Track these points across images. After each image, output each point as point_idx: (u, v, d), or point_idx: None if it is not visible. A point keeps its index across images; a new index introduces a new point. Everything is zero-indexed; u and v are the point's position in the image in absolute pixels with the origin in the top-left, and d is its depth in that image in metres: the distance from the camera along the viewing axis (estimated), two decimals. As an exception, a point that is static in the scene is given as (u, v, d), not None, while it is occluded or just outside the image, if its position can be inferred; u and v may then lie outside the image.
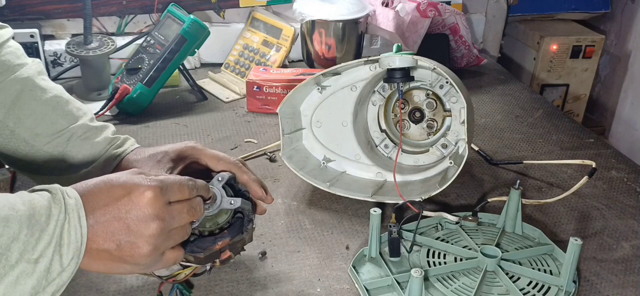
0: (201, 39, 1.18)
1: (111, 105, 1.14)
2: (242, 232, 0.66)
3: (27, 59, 0.74)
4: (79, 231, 0.49)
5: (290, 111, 0.92)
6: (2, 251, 0.44)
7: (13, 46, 0.73)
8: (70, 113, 0.74)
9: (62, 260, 0.48)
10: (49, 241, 0.47)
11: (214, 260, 0.65)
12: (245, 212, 0.66)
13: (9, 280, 0.44)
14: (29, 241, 0.46)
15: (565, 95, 1.73)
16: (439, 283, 0.71)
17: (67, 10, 1.32)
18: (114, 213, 0.52)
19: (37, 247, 0.46)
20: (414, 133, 0.96)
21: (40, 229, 0.47)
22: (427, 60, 0.86)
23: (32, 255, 0.46)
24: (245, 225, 0.66)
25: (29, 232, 0.46)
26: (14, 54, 0.72)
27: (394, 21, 1.30)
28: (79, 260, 0.49)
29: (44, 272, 0.47)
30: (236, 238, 0.65)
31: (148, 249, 0.53)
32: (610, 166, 1.03)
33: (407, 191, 0.87)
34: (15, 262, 0.45)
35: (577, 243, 0.67)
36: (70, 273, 0.49)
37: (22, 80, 0.71)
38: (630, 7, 1.74)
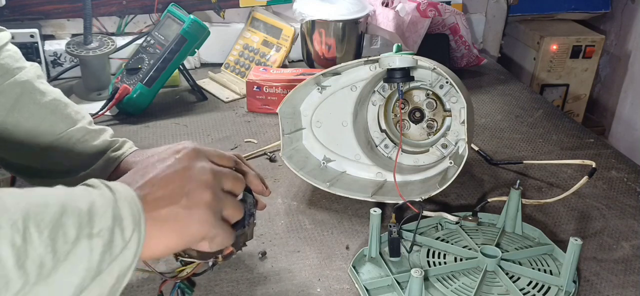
0: (201, 39, 1.18)
1: (111, 105, 1.14)
2: (244, 226, 0.66)
3: (25, 62, 0.74)
4: (134, 203, 0.48)
5: (290, 111, 0.92)
6: (57, 225, 0.41)
7: (11, 50, 0.73)
8: (69, 117, 0.74)
9: (124, 233, 0.45)
10: (104, 213, 0.45)
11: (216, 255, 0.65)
12: (247, 204, 0.67)
13: (72, 259, 0.42)
14: (82, 216, 0.43)
15: (565, 95, 1.73)
16: (439, 283, 0.71)
17: (67, 10, 1.32)
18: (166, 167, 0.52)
19: (93, 221, 0.44)
20: (414, 133, 0.96)
21: (91, 202, 0.45)
22: (427, 60, 0.86)
23: (90, 229, 0.43)
24: (247, 217, 0.67)
25: (77, 205, 0.44)
26: (12, 58, 0.72)
27: (394, 21, 1.30)
28: (141, 234, 0.47)
29: (106, 247, 0.44)
30: (238, 231, 0.65)
31: (210, 195, 0.53)
32: (610, 166, 1.03)
33: (407, 191, 0.87)
34: (75, 238, 0.42)
35: (577, 243, 0.67)
36: (134, 252, 0.46)
37: (21, 83, 0.71)
38: (630, 7, 1.74)
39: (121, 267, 0.45)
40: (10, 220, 0.38)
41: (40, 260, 0.39)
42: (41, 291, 0.39)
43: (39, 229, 0.40)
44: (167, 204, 0.51)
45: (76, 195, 0.45)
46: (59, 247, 0.40)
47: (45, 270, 0.39)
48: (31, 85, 0.72)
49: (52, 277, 0.40)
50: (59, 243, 0.41)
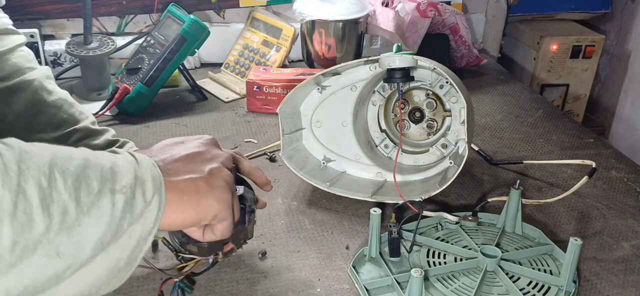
0: (201, 39, 1.18)
1: (111, 105, 1.14)
2: (245, 222, 0.66)
3: (36, 64, 0.78)
4: (154, 169, 0.49)
5: (290, 111, 0.92)
6: (81, 176, 0.42)
7: (25, 51, 0.77)
8: (72, 116, 0.77)
9: (146, 194, 0.46)
10: (127, 172, 0.46)
11: (216, 251, 0.66)
12: (248, 200, 0.67)
13: (95, 212, 0.42)
14: (105, 172, 0.44)
15: (565, 95, 1.73)
16: (439, 283, 0.71)
17: (67, 10, 1.32)
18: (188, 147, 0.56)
19: (116, 177, 0.44)
20: (414, 133, 0.96)
21: (113, 162, 0.46)
22: (427, 60, 0.86)
23: (113, 184, 0.44)
24: (248, 214, 0.67)
25: (100, 162, 0.44)
26: (25, 58, 0.76)
27: (394, 21, 1.30)
28: (162, 198, 0.48)
29: (127, 204, 0.44)
30: (239, 227, 0.65)
31: (230, 178, 0.55)
32: (610, 166, 1.03)
33: (407, 191, 0.87)
34: (98, 191, 0.43)
35: (577, 243, 0.67)
36: (155, 216, 0.47)
37: (31, 81, 0.74)
38: (630, 7, 1.74)
39: (142, 230, 0.46)
40: (36, 164, 0.39)
41: (64, 206, 0.40)
42: (63, 241, 0.40)
43: (63, 176, 0.40)
44: (189, 175, 0.52)
45: (99, 154, 0.46)
46: (82, 197, 0.41)
47: (69, 218, 0.40)
48: (40, 84, 0.75)
49: (75, 228, 0.40)
50: (82, 193, 0.41)
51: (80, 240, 0.41)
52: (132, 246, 0.45)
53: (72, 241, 0.40)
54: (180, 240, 0.66)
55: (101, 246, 0.43)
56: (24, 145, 0.40)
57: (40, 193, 0.38)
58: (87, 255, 0.42)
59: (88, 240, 0.42)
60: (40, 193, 0.38)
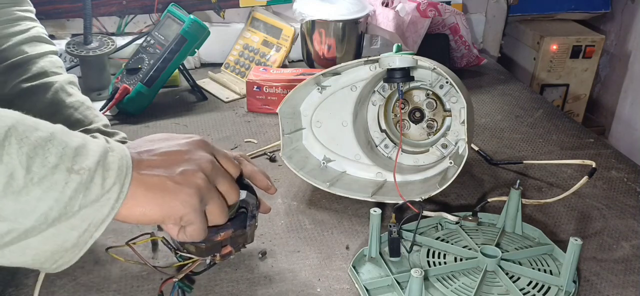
0: (201, 39, 1.19)
1: (111, 105, 1.14)
2: (244, 227, 0.66)
3: (64, 71, 0.84)
4: (125, 159, 0.49)
5: (290, 111, 0.92)
6: (39, 148, 0.43)
7: (54, 58, 0.83)
8: (87, 117, 0.81)
9: (105, 182, 0.47)
10: (91, 156, 0.46)
11: (214, 253, 0.66)
12: (250, 206, 0.67)
13: (45, 184, 0.43)
14: (67, 150, 0.45)
15: (565, 95, 1.73)
16: (439, 283, 0.71)
17: (67, 10, 1.32)
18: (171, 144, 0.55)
19: (77, 158, 0.45)
20: (414, 133, 0.96)
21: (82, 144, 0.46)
22: (427, 60, 0.86)
23: (71, 164, 0.45)
24: (249, 219, 0.67)
25: (67, 140, 0.45)
26: (53, 64, 0.81)
27: (394, 21, 1.30)
28: (123, 190, 0.48)
29: (81, 186, 0.45)
30: (238, 232, 0.65)
31: (202, 181, 0.54)
32: (610, 166, 1.03)
33: (407, 191, 0.87)
34: (53, 166, 0.44)
35: (577, 243, 0.67)
36: (111, 206, 0.47)
37: (53, 83, 0.78)
38: (630, 7, 1.74)
39: (95, 215, 0.47)
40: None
41: (11, 172, 0.41)
42: (7, 205, 0.42)
43: (20, 144, 0.42)
44: (160, 172, 0.52)
45: (73, 134, 0.47)
46: (34, 168, 0.42)
47: (15, 184, 0.42)
48: (61, 86, 0.79)
49: (21, 195, 0.42)
50: (35, 164, 0.43)
51: (26, 208, 0.42)
52: (82, 230, 0.46)
53: (16, 206, 0.42)
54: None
55: (46, 220, 0.44)
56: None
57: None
58: (30, 224, 0.43)
59: (33, 210, 0.43)
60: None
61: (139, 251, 0.66)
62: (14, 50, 0.76)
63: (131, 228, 0.81)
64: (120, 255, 0.68)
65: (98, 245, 0.78)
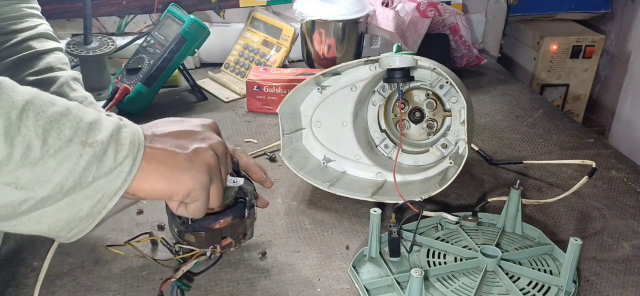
0: (201, 39, 1.19)
1: (111, 105, 1.14)
2: (243, 215, 0.67)
3: (68, 67, 0.86)
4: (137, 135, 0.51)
5: (290, 111, 0.92)
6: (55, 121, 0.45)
7: (60, 55, 0.84)
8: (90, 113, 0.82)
9: (118, 154, 0.49)
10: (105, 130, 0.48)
11: (214, 243, 0.66)
12: (249, 193, 0.68)
13: (60, 156, 0.45)
14: (81, 124, 0.47)
15: (565, 95, 1.73)
16: (439, 283, 0.71)
17: (67, 10, 1.32)
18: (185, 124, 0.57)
19: (90, 132, 0.47)
20: (414, 133, 0.96)
21: (96, 119, 0.48)
22: (427, 60, 0.86)
23: (85, 137, 0.47)
24: (247, 207, 0.67)
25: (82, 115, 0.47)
26: (59, 60, 0.83)
27: (394, 21, 1.30)
28: (136, 163, 0.50)
29: (95, 158, 0.47)
30: (237, 220, 0.66)
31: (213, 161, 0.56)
32: (610, 166, 1.03)
33: (407, 191, 0.87)
34: (68, 139, 0.46)
35: (577, 243, 0.67)
36: (124, 178, 0.49)
37: (58, 78, 0.80)
38: (630, 7, 1.74)
39: (109, 187, 0.49)
40: (11, 98, 0.43)
41: (28, 143, 0.44)
42: (24, 174, 0.44)
43: (36, 117, 0.44)
44: (172, 148, 0.54)
45: (87, 110, 0.49)
46: (50, 141, 0.45)
47: (32, 154, 0.44)
48: (66, 81, 0.81)
49: (37, 165, 0.44)
50: (51, 137, 0.45)
51: (41, 178, 0.45)
52: (96, 200, 0.49)
53: (33, 176, 0.44)
54: (178, 228, 0.67)
55: (61, 190, 0.46)
56: (8, 81, 0.44)
57: (6, 123, 0.42)
58: (46, 193, 0.46)
59: (49, 180, 0.45)
60: (6, 123, 0.42)
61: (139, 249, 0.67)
62: (22, 45, 0.78)
63: (130, 228, 0.81)
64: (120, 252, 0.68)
65: (98, 245, 0.78)
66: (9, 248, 0.77)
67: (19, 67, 0.78)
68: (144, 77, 1.14)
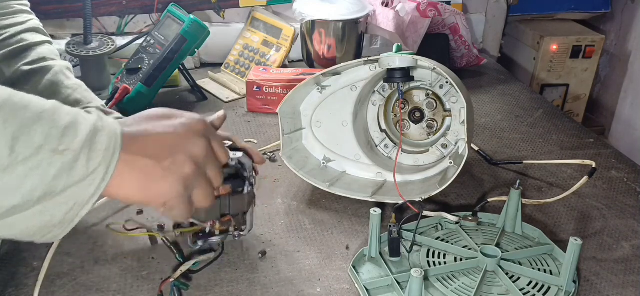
0: (201, 39, 1.18)
1: (111, 105, 1.13)
2: (243, 187, 0.70)
3: (59, 58, 0.88)
4: (115, 139, 0.49)
5: (290, 111, 0.92)
6: (24, 128, 0.44)
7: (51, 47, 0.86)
8: (86, 97, 0.85)
9: (90, 163, 0.47)
10: (79, 136, 0.47)
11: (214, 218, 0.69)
12: (247, 168, 0.70)
13: (29, 164, 0.44)
14: (54, 130, 0.46)
15: (565, 95, 1.73)
16: (439, 283, 0.71)
17: (67, 10, 1.32)
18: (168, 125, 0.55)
19: (63, 138, 0.46)
20: (414, 133, 0.96)
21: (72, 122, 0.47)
22: (427, 60, 0.86)
23: (57, 145, 0.45)
24: (247, 185, 0.70)
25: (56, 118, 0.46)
26: (51, 51, 0.86)
27: (394, 21, 1.30)
28: (109, 171, 0.49)
29: (65, 167, 0.46)
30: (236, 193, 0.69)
31: (191, 170, 0.55)
32: (610, 166, 1.03)
33: (407, 191, 0.87)
34: (39, 147, 0.44)
35: (577, 243, 0.67)
36: (96, 186, 0.48)
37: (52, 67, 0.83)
38: (630, 7, 1.74)
39: (81, 195, 0.48)
40: None
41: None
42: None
43: (5, 124, 0.43)
44: (150, 157, 0.52)
45: (64, 112, 0.47)
46: (18, 148, 0.43)
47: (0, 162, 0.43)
48: (60, 69, 0.83)
49: (5, 173, 0.43)
50: (19, 144, 0.43)
51: (9, 186, 0.44)
52: (69, 208, 0.47)
53: (0, 184, 0.43)
54: None
55: (31, 198, 0.45)
56: None
57: None
58: (16, 201, 0.44)
59: (18, 188, 0.44)
60: None
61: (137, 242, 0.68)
62: (14, 38, 0.80)
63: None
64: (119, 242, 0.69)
65: (98, 245, 0.78)
66: (9, 248, 0.77)
67: (13, 58, 0.80)
68: (144, 77, 1.14)
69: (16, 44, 0.80)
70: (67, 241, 0.78)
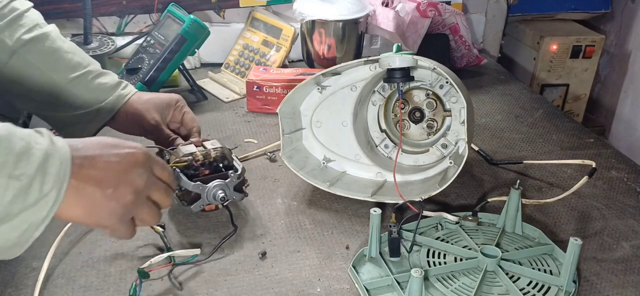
0: (201, 39, 1.18)
1: (111, 105, 1.13)
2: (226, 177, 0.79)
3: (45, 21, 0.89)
4: (65, 164, 0.51)
5: (290, 111, 0.92)
6: None
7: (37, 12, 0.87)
8: (84, 59, 0.87)
9: (43, 187, 0.49)
10: (32, 161, 0.48)
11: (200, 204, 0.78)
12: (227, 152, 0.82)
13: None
14: (9, 155, 0.47)
15: (565, 95, 1.73)
16: (439, 283, 0.71)
17: (67, 10, 1.32)
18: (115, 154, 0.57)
19: (18, 164, 0.47)
20: (414, 133, 0.96)
21: (25, 147, 0.48)
22: (427, 60, 0.86)
23: (13, 170, 0.47)
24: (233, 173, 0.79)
25: (11, 146, 0.47)
26: (39, 16, 0.86)
27: (394, 21, 1.30)
28: (60, 194, 0.51)
29: (20, 191, 0.47)
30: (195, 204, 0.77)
31: (131, 199, 0.58)
32: (610, 166, 1.03)
33: (407, 191, 0.87)
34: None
35: (577, 243, 0.67)
36: (49, 208, 0.50)
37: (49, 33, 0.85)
38: (630, 7, 1.74)
39: (34, 218, 0.49)
40: None
41: None
42: None
43: None
44: (95, 185, 0.55)
45: (17, 136, 0.49)
46: None
47: None
48: (56, 34, 0.86)
49: None
50: None
51: None
52: (22, 230, 0.49)
53: None
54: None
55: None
56: None
57: None
58: None
59: None
60: None
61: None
62: (7, 8, 0.82)
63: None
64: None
65: (97, 246, 0.78)
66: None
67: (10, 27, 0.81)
68: (144, 77, 1.14)
69: (10, 14, 0.82)
70: (67, 241, 0.78)
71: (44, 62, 0.83)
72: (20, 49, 0.81)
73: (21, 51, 0.81)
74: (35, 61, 0.82)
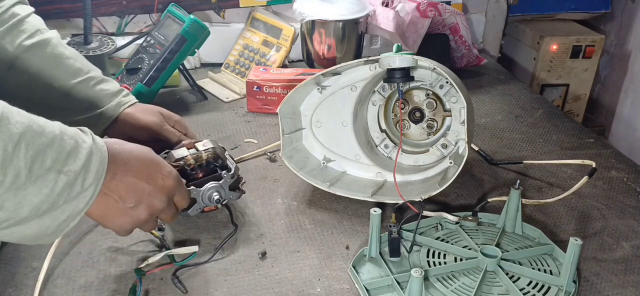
0: (201, 39, 1.18)
1: (111, 105, 1.13)
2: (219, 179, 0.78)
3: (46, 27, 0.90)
4: (103, 163, 0.57)
5: (290, 111, 0.92)
6: (41, 151, 0.51)
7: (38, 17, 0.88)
8: (85, 65, 0.89)
9: (85, 182, 0.55)
10: (79, 159, 0.54)
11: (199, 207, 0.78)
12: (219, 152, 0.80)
13: (40, 183, 0.51)
14: (62, 153, 0.52)
15: (565, 95, 1.73)
16: (439, 283, 0.71)
17: (67, 10, 1.32)
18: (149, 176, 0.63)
19: (68, 161, 0.53)
20: (414, 133, 0.96)
21: (74, 146, 0.54)
22: (427, 60, 0.86)
23: (63, 166, 0.52)
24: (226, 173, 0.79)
25: (63, 145, 0.53)
26: (40, 22, 0.88)
27: (394, 21, 1.30)
28: (96, 190, 0.56)
29: (67, 185, 0.53)
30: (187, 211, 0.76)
31: (145, 217, 0.64)
32: (610, 166, 1.03)
33: (407, 191, 0.87)
34: (48, 168, 0.51)
35: (577, 243, 0.67)
36: (86, 202, 0.55)
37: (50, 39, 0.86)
38: (630, 7, 1.74)
39: (73, 209, 0.55)
40: (10, 131, 0.49)
41: (18, 171, 0.49)
42: (9, 197, 0.49)
43: (27, 148, 0.50)
44: (118, 195, 0.60)
45: (67, 134, 0.54)
46: (34, 169, 0.50)
47: (19, 181, 0.49)
48: (57, 40, 0.88)
49: (21, 190, 0.50)
50: (36, 165, 0.50)
51: (22, 201, 0.50)
52: (62, 220, 0.54)
53: (15, 200, 0.50)
54: None
55: (37, 212, 0.52)
56: (7, 110, 0.49)
57: (4, 155, 0.48)
58: (24, 215, 0.51)
59: (28, 203, 0.51)
60: (4, 155, 0.48)
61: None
62: (7, 13, 0.83)
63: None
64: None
65: (97, 246, 0.78)
66: (9, 248, 0.77)
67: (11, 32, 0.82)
68: (144, 77, 1.14)
69: (11, 19, 0.83)
70: (67, 241, 0.78)
71: (45, 68, 0.84)
72: (22, 54, 0.82)
73: (23, 57, 0.82)
74: (37, 67, 0.83)
